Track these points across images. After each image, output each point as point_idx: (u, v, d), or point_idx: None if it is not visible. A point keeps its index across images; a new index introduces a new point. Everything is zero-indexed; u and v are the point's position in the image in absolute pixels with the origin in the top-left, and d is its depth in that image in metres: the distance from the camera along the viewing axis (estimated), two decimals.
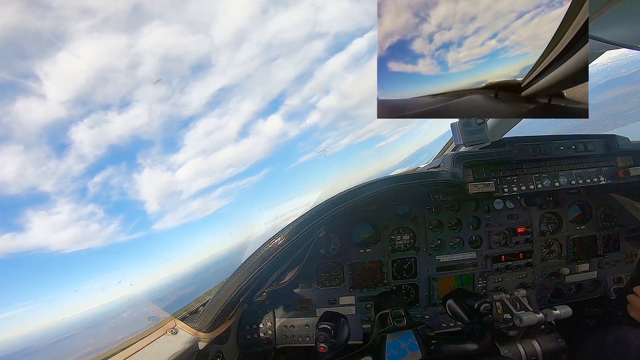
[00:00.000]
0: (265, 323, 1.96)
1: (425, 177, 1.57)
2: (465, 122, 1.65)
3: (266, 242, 1.38)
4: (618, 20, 1.13)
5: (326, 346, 1.38)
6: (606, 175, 1.75)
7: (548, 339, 1.92)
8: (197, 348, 1.39)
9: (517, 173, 1.70)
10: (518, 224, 2.01)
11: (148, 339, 1.34)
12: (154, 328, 1.41)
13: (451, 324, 1.99)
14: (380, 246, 1.98)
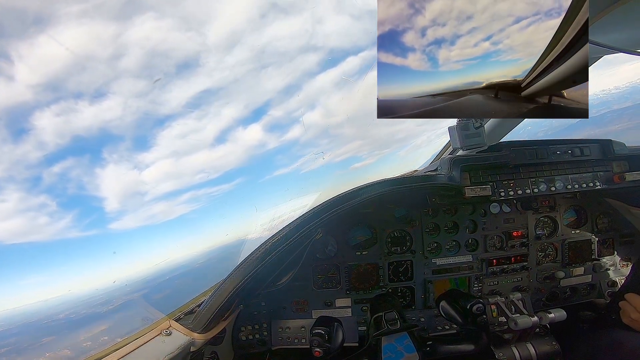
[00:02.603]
0: (260, 324, 1.95)
1: (422, 181, 1.57)
2: (463, 126, 1.66)
3: (263, 243, 1.38)
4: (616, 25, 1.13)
5: (321, 351, 1.39)
6: (602, 180, 1.76)
7: (542, 342, 1.93)
8: (191, 349, 1.38)
9: (514, 177, 1.71)
10: (514, 227, 2.02)
11: (142, 339, 1.33)
12: (148, 329, 1.40)
13: (447, 326, 2.00)
14: (376, 249, 1.99)
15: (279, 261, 1.44)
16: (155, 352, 1.26)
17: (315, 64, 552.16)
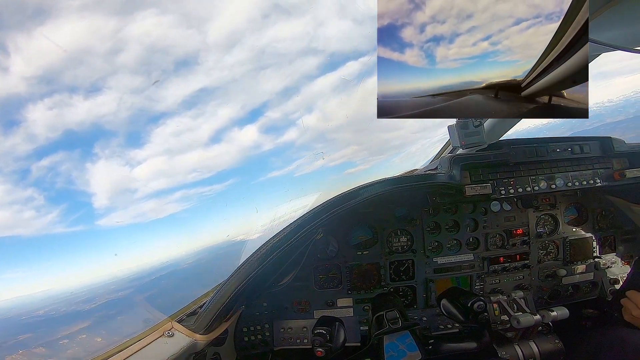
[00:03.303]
0: (262, 325, 1.96)
1: (422, 180, 1.57)
2: (463, 124, 1.66)
3: (264, 243, 1.38)
4: (614, 23, 1.14)
5: (323, 350, 1.39)
6: (602, 178, 1.76)
7: (545, 341, 1.92)
8: (194, 350, 1.39)
9: (514, 175, 1.71)
10: (515, 225, 2.02)
11: (144, 340, 1.33)
12: (150, 330, 1.40)
13: (449, 325, 1.99)
14: (377, 248, 1.99)
15: (280, 262, 1.44)
16: (157, 354, 1.26)
17: (314, 67, 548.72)
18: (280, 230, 1.43)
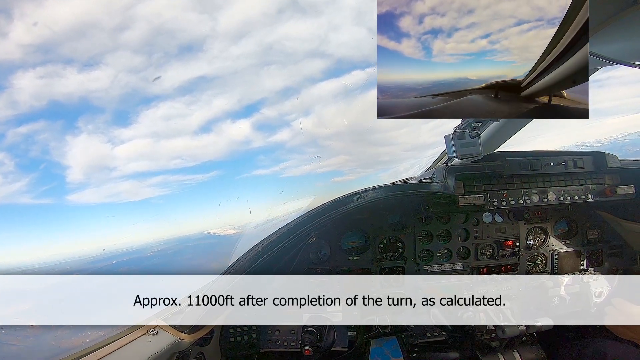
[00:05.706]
0: (249, 327, 1.94)
1: (417, 188, 1.58)
2: (459, 135, 1.67)
3: (256, 244, 1.37)
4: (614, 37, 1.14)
5: (311, 349, 1.38)
6: (594, 193, 1.78)
7: (529, 351, 1.94)
8: (177, 349, 1.37)
9: (507, 187, 1.73)
10: (505, 237, 2.03)
11: (127, 338, 1.30)
12: (134, 327, 1.37)
13: (435, 333, 2.00)
14: (369, 254, 1.98)
15: (271, 263, 1.43)
16: (140, 352, 1.24)
17: (319, 70, 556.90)
18: (273, 232, 1.41)
